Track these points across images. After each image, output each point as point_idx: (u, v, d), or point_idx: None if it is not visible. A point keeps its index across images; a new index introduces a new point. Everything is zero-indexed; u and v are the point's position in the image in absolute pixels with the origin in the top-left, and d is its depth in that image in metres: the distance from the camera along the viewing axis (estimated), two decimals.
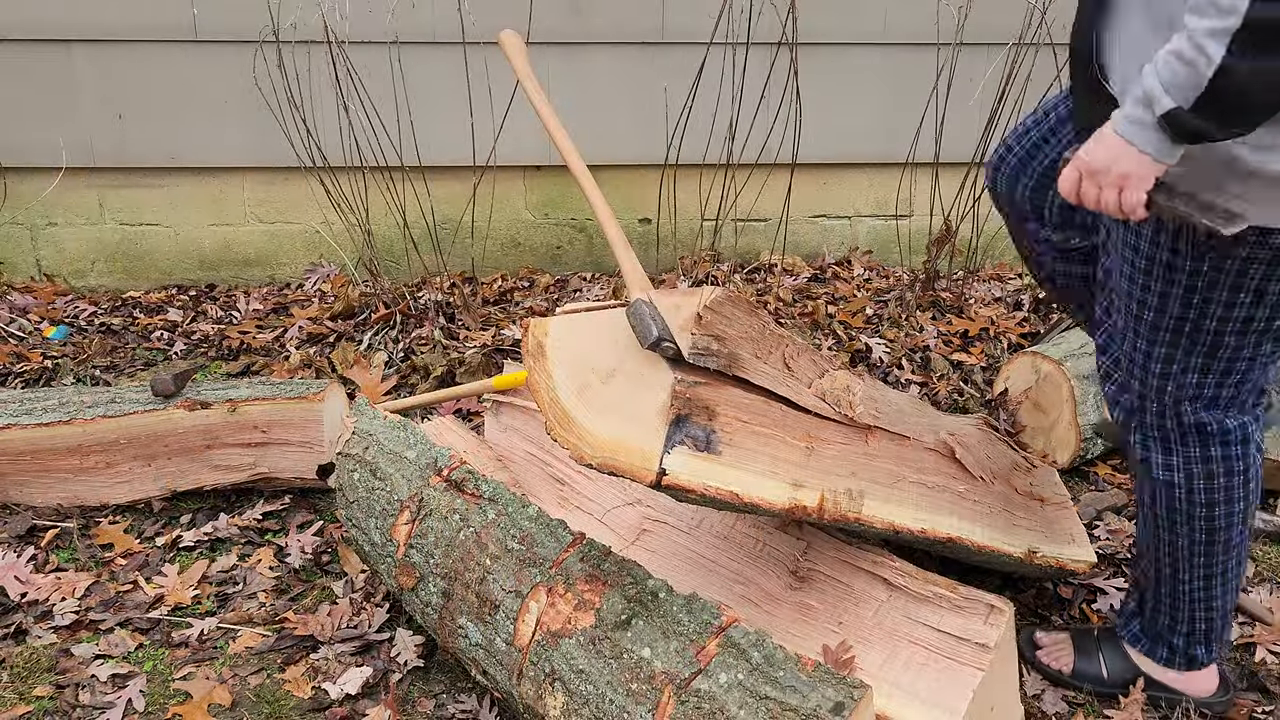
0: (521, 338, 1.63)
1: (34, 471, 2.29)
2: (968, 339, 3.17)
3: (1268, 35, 1.09)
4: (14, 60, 3.29)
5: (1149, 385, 1.60)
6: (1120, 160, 1.27)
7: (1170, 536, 1.69)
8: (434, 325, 3.16)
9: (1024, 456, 2.11)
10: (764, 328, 1.71)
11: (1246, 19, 1.09)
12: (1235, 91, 1.14)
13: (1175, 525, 1.68)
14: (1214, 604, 1.73)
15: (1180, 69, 1.17)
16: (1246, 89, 1.14)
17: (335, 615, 2.01)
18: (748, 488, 1.48)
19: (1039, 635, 1.93)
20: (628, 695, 1.42)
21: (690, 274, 3.45)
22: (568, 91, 3.43)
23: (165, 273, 3.63)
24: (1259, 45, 1.10)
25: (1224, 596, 1.73)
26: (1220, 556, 1.68)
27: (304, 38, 3.13)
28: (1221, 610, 1.74)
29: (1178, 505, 1.66)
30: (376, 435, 1.93)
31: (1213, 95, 1.15)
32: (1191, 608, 1.74)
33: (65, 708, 1.81)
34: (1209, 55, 1.13)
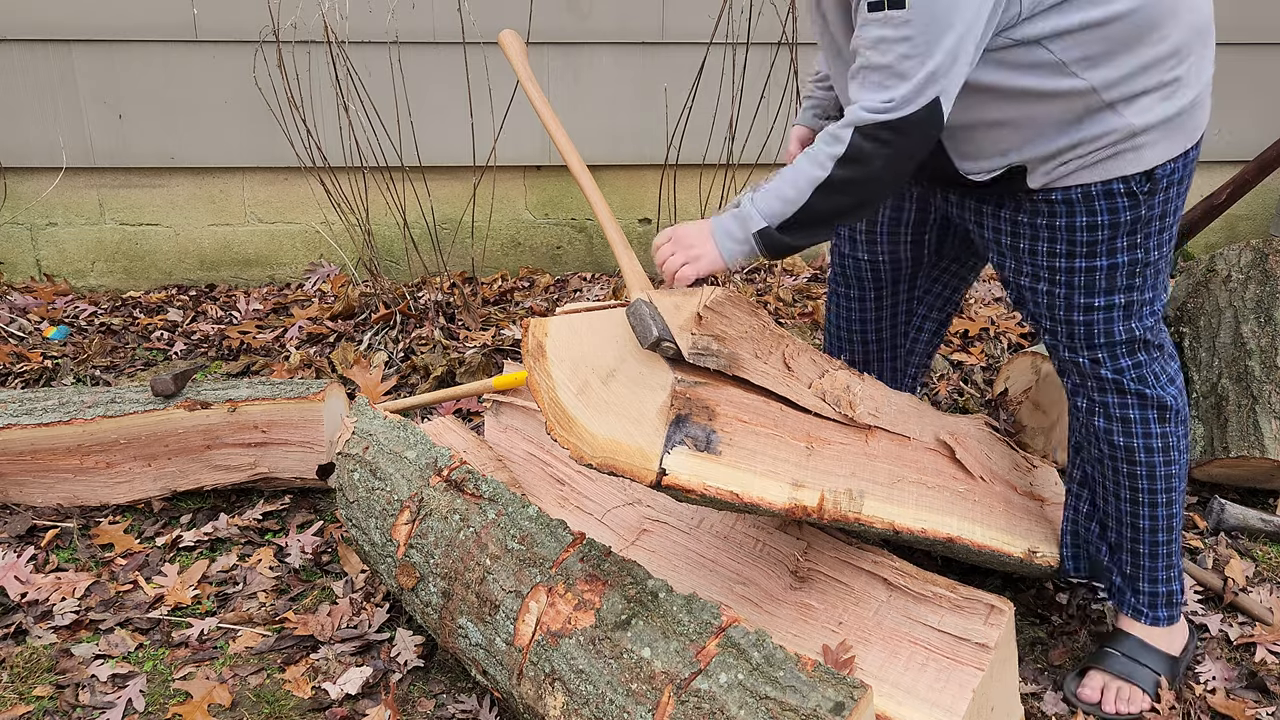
0: (521, 338, 1.63)
1: (34, 471, 2.29)
2: (968, 339, 3.17)
3: (839, 187, 1.57)
4: (14, 60, 3.29)
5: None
6: (703, 249, 1.68)
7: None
8: (434, 325, 3.17)
9: (1024, 456, 2.11)
10: (764, 327, 1.71)
11: (830, 175, 1.56)
12: (810, 218, 1.61)
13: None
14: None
15: (776, 204, 1.61)
16: (816, 217, 1.61)
17: (335, 615, 2.01)
18: (748, 488, 1.48)
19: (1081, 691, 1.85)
20: (628, 695, 1.42)
21: None
22: (568, 91, 3.44)
23: (165, 273, 3.64)
24: (832, 191, 1.58)
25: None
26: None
27: (304, 38, 3.13)
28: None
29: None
30: (376, 435, 1.93)
31: (796, 220, 1.61)
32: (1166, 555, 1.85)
33: (65, 708, 1.81)
34: (804, 195, 1.59)
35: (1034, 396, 2.56)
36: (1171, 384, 1.77)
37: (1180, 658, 1.87)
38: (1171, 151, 1.61)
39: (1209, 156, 3.63)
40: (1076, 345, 1.75)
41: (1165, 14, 1.53)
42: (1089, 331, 1.72)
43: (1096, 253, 1.67)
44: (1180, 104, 1.58)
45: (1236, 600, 2.08)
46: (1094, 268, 1.68)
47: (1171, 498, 1.80)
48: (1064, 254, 1.69)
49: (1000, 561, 1.85)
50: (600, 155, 3.44)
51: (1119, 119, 1.57)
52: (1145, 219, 1.65)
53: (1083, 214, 1.65)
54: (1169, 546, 1.82)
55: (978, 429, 2.01)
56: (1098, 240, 1.66)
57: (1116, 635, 1.87)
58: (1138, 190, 1.62)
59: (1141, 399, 1.74)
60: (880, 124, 1.53)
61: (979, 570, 2.07)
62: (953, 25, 1.47)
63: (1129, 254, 1.67)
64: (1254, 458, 2.31)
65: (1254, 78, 3.56)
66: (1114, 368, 1.73)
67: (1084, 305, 1.70)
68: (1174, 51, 1.55)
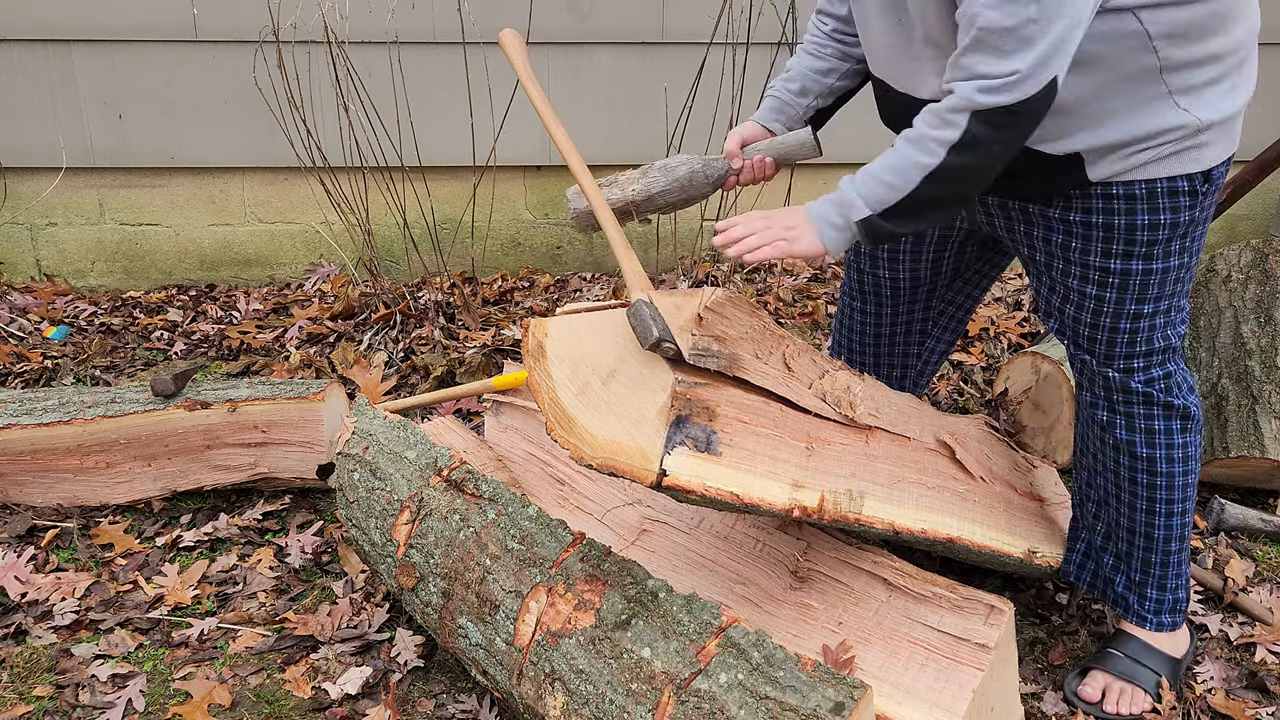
0: (521, 338, 1.63)
1: (34, 471, 2.29)
2: (968, 339, 3.17)
3: (951, 174, 1.47)
4: (14, 60, 3.29)
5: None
6: (803, 232, 1.59)
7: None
8: (434, 325, 3.17)
9: (1024, 456, 2.11)
10: (764, 328, 1.71)
11: (944, 163, 1.46)
12: (915, 206, 1.52)
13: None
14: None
15: (880, 189, 1.52)
16: (922, 205, 1.52)
17: (335, 615, 2.01)
18: (748, 488, 1.48)
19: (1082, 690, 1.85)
20: (628, 695, 1.42)
21: (690, 274, 3.45)
22: (568, 91, 3.43)
23: (165, 273, 3.64)
24: (943, 179, 1.48)
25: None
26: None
27: (304, 38, 3.13)
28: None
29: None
30: (376, 435, 1.93)
31: (899, 208, 1.52)
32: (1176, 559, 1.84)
33: (65, 708, 1.81)
34: (911, 182, 1.49)
35: (1034, 396, 2.56)
36: (1193, 392, 1.75)
37: (1181, 660, 1.87)
38: (1224, 153, 1.58)
39: None
40: (1115, 355, 1.69)
41: (1239, 8, 1.50)
42: (1132, 340, 1.67)
43: (1154, 254, 1.61)
44: (1238, 103, 1.55)
45: (1236, 600, 2.08)
46: (1149, 270, 1.62)
47: (1186, 507, 1.78)
48: (1120, 254, 1.61)
49: (1000, 562, 1.85)
50: (600, 155, 3.44)
51: (1186, 114, 1.52)
52: (1196, 220, 1.61)
53: (1144, 211, 1.58)
54: (1180, 555, 1.81)
55: (978, 429, 2.01)
56: (1158, 240, 1.59)
57: (1119, 636, 1.87)
58: (1198, 189, 1.57)
59: (1168, 409, 1.71)
60: (1002, 109, 1.42)
61: (979, 570, 2.07)
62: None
63: (1179, 257, 1.62)
64: (1254, 458, 2.31)
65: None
66: (1145, 378, 1.70)
67: (1133, 312, 1.65)
68: (1237, 47, 1.52)
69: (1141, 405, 1.72)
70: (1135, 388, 1.71)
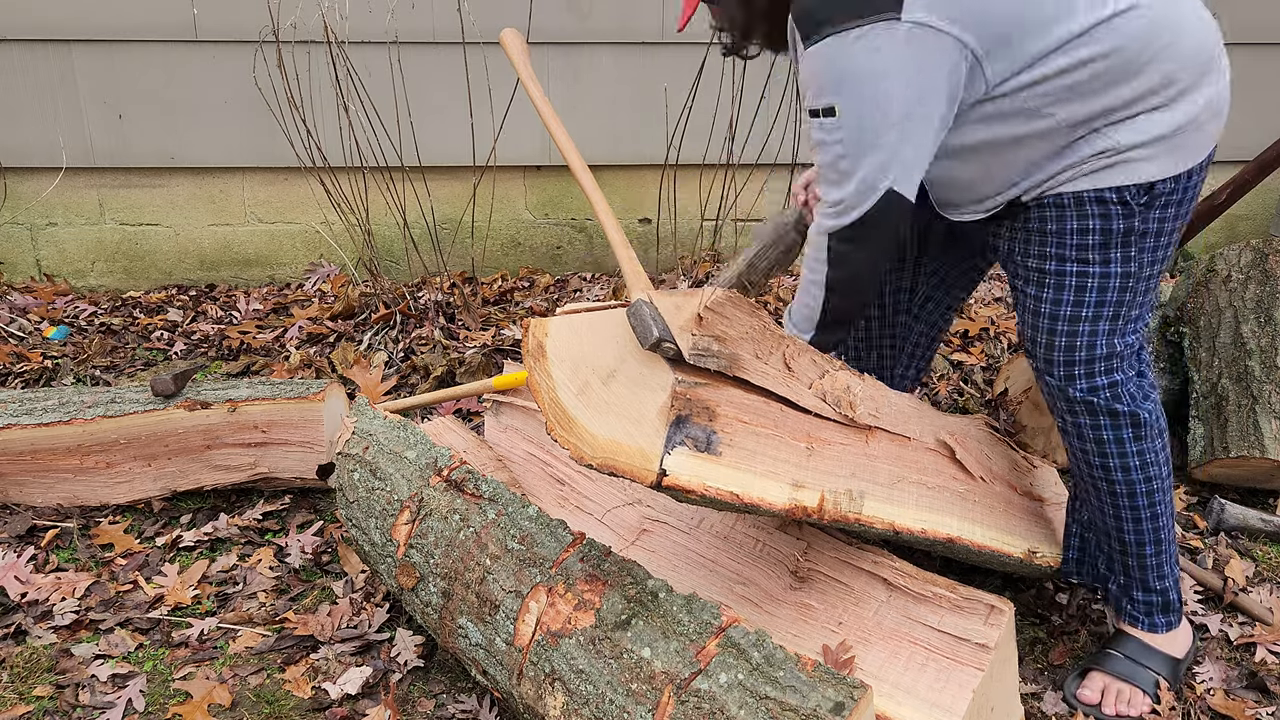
0: (522, 338, 1.63)
1: (34, 471, 2.29)
2: (968, 339, 3.17)
3: (840, 286, 1.72)
4: (14, 60, 3.29)
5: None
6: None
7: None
8: (434, 325, 3.17)
9: (1024, 456, 2.11)
10: (764, 328, 1.70)
11: (828, 278, 1.71)
12: (835, 315, 1.78)
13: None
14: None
15: (804, 312, 1.81)
16: (840, 312, 1.77)
17: (335, 615, 2.01)
18: (748, 488, 1.48)
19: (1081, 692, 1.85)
20: (628, 695, 1.42)
21: (690, 274, 3.45)
22: (568, 91, 3.43)
23: (165, 273, 3.64)
24: (838, 291, 1.73)
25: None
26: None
27: (304, 38, 3.13)
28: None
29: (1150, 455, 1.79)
30: (376, 435, 1.93)
31: (825, 323, 1.80)
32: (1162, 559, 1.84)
33: (65, 708, 1.81)
34: (818, 300, 1.76)
35: (1034, 396, 2.56)
36: (1147, 399, 1.73)
37: (1182, 660, 1.87)
38: (1170, 169, 1.59)
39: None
40: (1054, 360, 1.71)
41: (1151, 52, 1.53)
42: (1070, 345, 1.69)
43: (1088, 260, 1.65)
44: (1174, 123, 1.57)
45: (1236, 600, 2.08)
46: (1085, 274, 1.66)
47: (1156, 511, 1.77)
48: (1054, 257, 1.67)
49: (1000, 562, 1.85)
50: (600, 155, 3.44)
51: (1106, 139, 1.57)
52: (1140, 231, 1.63)
53: (1073, 219, 1.63)
54: (1158, 558, 1.81)
55: (978, 429, 2.01)
56: (1088, 245, 1.64)
57: (1118, 637, 1.87)
58: (1132, 201, 1.60)
59: (1114, 416, 1.70)
60: (844, 227, 1.63)
61: (979, 570, 2.07)
62: (885, 126, 1.54)
63: (1122, 265, 1.64)
64: (1254, 458, 2.31)
65: (1254, 78, 3.56)
66: (1088, 386, 1.70)
67: (1069, 315, 1.68)
68: (1165, 82, 1.55)
69: (1086, 415, 1.72)
70: (1076, 396, 1.71)
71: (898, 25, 1.48)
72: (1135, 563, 1.81)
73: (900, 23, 1.48)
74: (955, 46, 1.50)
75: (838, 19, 1.51)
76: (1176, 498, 2.43)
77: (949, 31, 1.49)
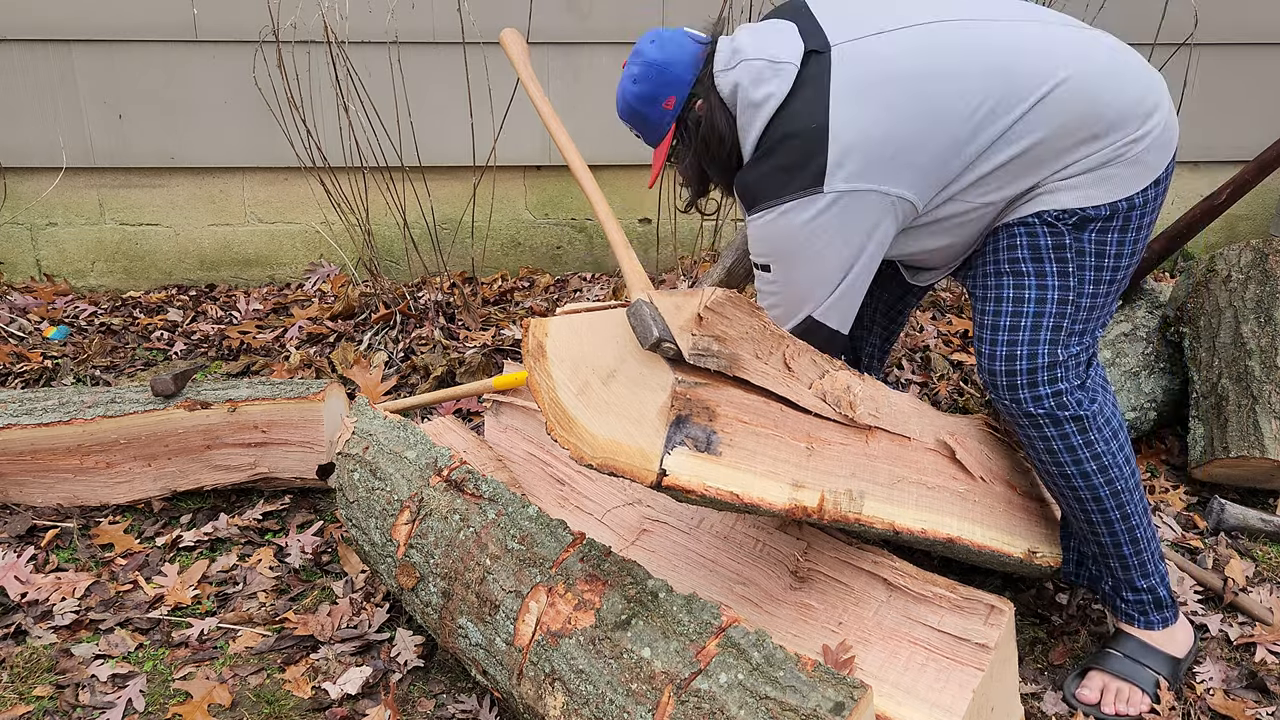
0: (522, 338, 1.63)
1: (34, 471, 2.29)
2: (968, 339, 3.17)
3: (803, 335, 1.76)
4: (14, 60, 3.29)
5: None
6: None
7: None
8: (434, 325, 3.17)
9: (1024, 456, 2.11)
10: (764, 328, 1.70)
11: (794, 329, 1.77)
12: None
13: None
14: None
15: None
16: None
17: (335, 615, 2.01)
18: (748, 488, 1.48)
19: (1080, 692, 1.85)
20: (628, 695, 1.42)
21: (690, 274, 3.45)
22: (568, 91, 3.43)
23: (165, 273, 3.63)
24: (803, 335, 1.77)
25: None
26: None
27: (304, 38, 3.13)
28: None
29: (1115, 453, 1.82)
30: (376, 435, 1.93)
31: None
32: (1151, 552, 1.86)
33: (65, 708, 1.81)
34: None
35: None
36: (1093, 401, 1.74)
37: (1183, 659, 1.87)
38: (1095, 199, 1.65)
39: (1209, 157, 3.64)
40: (997, 369, 1.74)
41: (1073, 129, 1.62)
42: (1010, 354, 1.72)
43: (1022, 271, 1.70)
44: (1099, 160, 1.63)
45: (1236, 600, 2.08)
46: (1021, 285, 1.71)
47: (1127, 512, 1.78)
48: (992, 273, 1.74)
49: (1000, 562, 1.85)
50: (600, 155, 3.44)
51: (1036, 190, 1.68)
52: (1075, 249, 1.67)
53: (1004, 238, 1.72)
54: (1139, 557, 1.81)
55: (978, 429, 2.01)
56: (1019, 259, 1.70)
57: (1118, 636, 1.87)
58: (1056, 221, 1.66)
59: (1058, 424, 1.72)
60: (795, 328, 1.76)
61: (979, 570, 2.07)
62: (815, 284, 1.71)
63: (1059, 279, 1.69)
64: (1254, 458, 2.31)
65: (1254, 78, 3.56)
66: (1030, 397, 1.72)
67: (1009, 325, 1.72)
68: (1093, 141, 1.63)
69: (1033, 427, 1.74)
70: (1021, 409, 1.74)
71: (819, 197, 1.63)
72: (1117, 564, 1.82)
73: (822, 194, 1.62)
74: (879, 199, 1.63)
75: (767, 195, 1.68)
76: (1176, 498, 2.43)
77: (871, 188, 1.62)
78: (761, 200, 1.69)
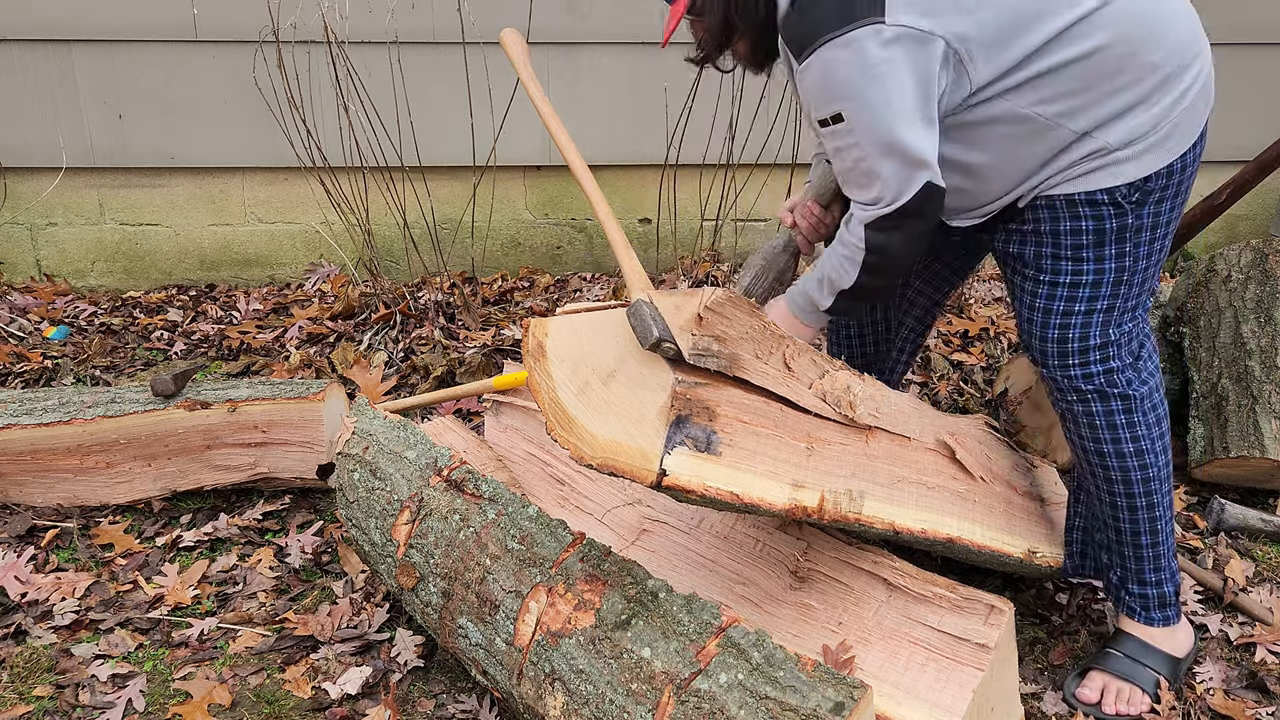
0: (522, 338, 1.63)
1: (34, 471, 2.29)
2: (968, 339, 3.17)
3: (875, 268, 1.70)
4: (14, 60, 3.29)
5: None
6: (796, 329, 1.86)
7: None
8: (434, 325, 3.17)
9: (1024, 456, 2.11)
10: (764, 328, 1.70)
11: (865, 261, 1.70)
12: (860, 292, 1.76)
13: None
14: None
15: (830, 283, 1.78)
16: (865, 291, 1.76)
17: (335, 615, 2.01)
18: (748, 488, 1.48)
19: (1080, 692, 1.85)
20: (628, 695, 1.42)
21: (690, 274, 3.45)
22: (568, 91, 3.43)
23: (165, 273, 3.63)
24: (871, 271, 1.71)
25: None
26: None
27: (304, 38, 3.13)
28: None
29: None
30: (376, 435, 1.93)
31: (850, 293, 1.77)
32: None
33: (65, 708, 1.81)
34: (849, 276, 1.74)
35: (1034, 396, 2.56)
36: (1144, 384, 1.75)
37: (1183, 659, 1.86)
38: (1154, 164, 1.63)
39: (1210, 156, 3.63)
40: (1049, 350, 1.75)
41: (1133, 45, 1.56)
42: (1063, 336, 1.72)
43: (1082, 257, 1.68)
44: (1160, 116, 1.60)
45: (1236, 600, 2.08)
46: (1080, 271, 1.69)
47: (1153, 501, 1.79)
48: (1050, 256, 1.71)
49: (1000, 562, 1.85)
50: (600, 155, 3.44)
51: (1096, 141, 1.61)
52: (1134, 227, 1.66)
53: (1066, 219, 1.67)
54: (1155, 550, 1.81)
55: (978, 429, 2.01)
56: (1083, 245, 1.67)
57: (1118, 636, 1.87)
58: (1124, 201, 1.64)
59: (1105, 400, 1.73)
60: (881, 218, 1.65)
61: (979, 570, 2.07)
62: (894, 118, 1.57)
63: (1116, 262, 1.68)
64: (1254, 458, 2.31)
65: (1254, 78, 3.56)
66: (1082, 374, 1.73)
67: (1064, 310, 1.71)
68: (1150, 73, 1.58)
69: (1079, 401, 1.75)
70: (1071, 383, 1.74)
71: (883, 28, 1.53)
72: (1131, 553, 1.82)
73: (885, 26, 1.53)
74: (938, 46, 1.55)
75: (824, 28, 1.57)
76: (1176, 498, 2.43)
77: (932, 31, 1.54)
78: (817, 36, 1.57)
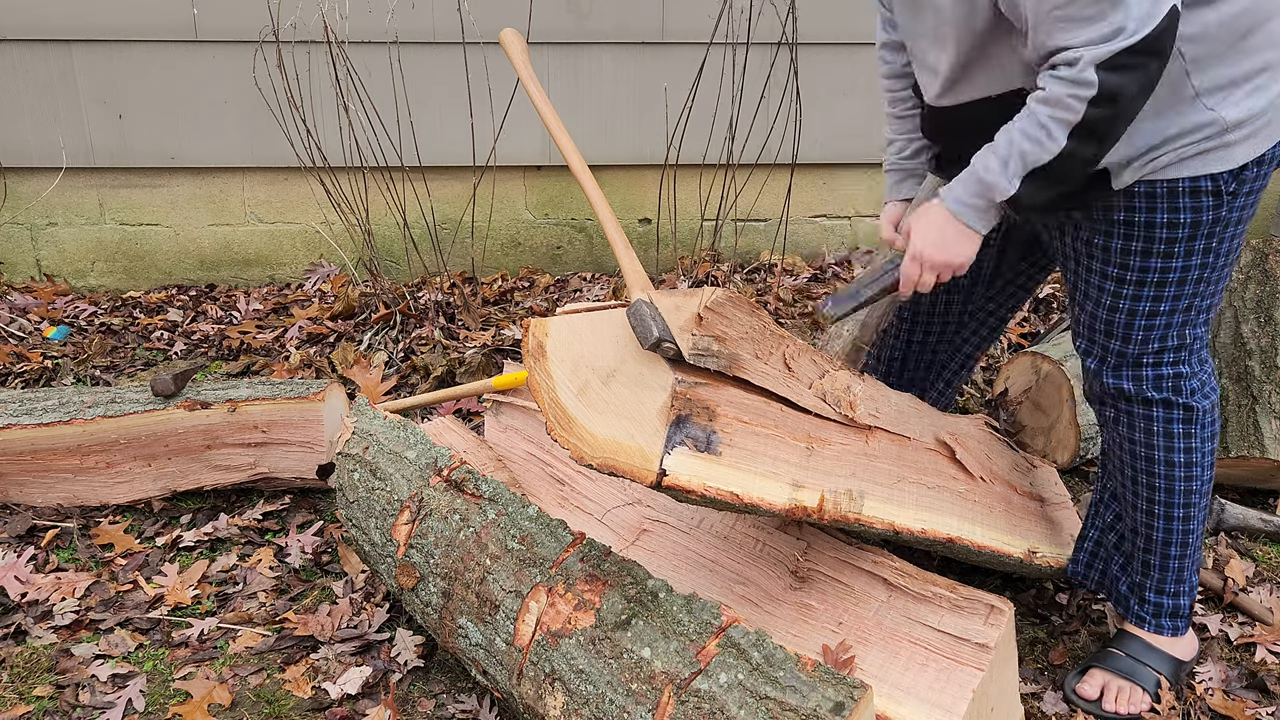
0: (522, 338, 1.63)
1: (34, 471, 2.29)
2: None
3: (1093, 127, 1.45)
4: (14, 60, 3.29)
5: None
6: (953, 245, 1.63)
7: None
8: (434, 325, 3.17)
9: (1024, 456, 2.11)
10: (764, 328, 1.71)
11: (1084, 116, 1.44)
12: (1065, 164, 1.49)
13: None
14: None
15: (1025, 156, 1.50)
16: (1073, 164, 1.50)
17: (335, 615, 2.01)
18: (748, 488, 1.48)
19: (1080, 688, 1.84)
20: (628, 695, 1.42)
21: (690, 274, 3.45)
22: (568, 91, 3.44)
23: (165, 273, 3.64)
24: (1086, 135, 1.46)
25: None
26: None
27: (304, 38, 3.13)
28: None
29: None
30: (376, 435, 1.94)
31: (1050, 169, 1.50)
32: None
33: (65, 708, 1.81)
34: (1058, 141, 1.47)
35: (1034, 396, 2.56)
36: (1206, 397, 1.72)
37: (1186, 662, 1.86)
38: (1258, 149, 1.56)
39: None
40: (1127, 352, 1.69)
41: (1271, 13, 1.49)
42: (1145, 337, 1.67)
43: (1174, 253, 1.61)
44: (1269, 97, 1.53)
45: (1236, 600, 2.08)
46: (1169, 267, 1.62)
47: (1190, 514, 1.76)
48: (1139, 251, 1.62)
49: (1000, 562, 1.85)
50: (600, 155, 3.44)
51: (1212, 114, 1.52)
52: (1225, 221, 1.60)
53: (1164, 210, 1.58)
54: (1181, 561, 1.80)
55: (978, 429, 2.01)
56: (1177, 239, 1.60)
57: (1120, 636, 1.87)
58: (1224, 190, 1.57)
59: (1168, 407, 1.70)
60: (1126, 49, 1.39)
61: (979, 570, 2.07)
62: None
63: (1203, 257, 1.61)
64: (1254, 458, 2.31)
65: None
66: (1153, 376, 1.69)
67: (1148, 310, 1.65)
68: (1273, 43, 1.51)
69: (1140, 404, 1.72)
70: (1136, 388, 1.71)
71: None
72: (1158, 562, 1.80)
73: None
74: None
75: None
76: None
77: None
78: None
